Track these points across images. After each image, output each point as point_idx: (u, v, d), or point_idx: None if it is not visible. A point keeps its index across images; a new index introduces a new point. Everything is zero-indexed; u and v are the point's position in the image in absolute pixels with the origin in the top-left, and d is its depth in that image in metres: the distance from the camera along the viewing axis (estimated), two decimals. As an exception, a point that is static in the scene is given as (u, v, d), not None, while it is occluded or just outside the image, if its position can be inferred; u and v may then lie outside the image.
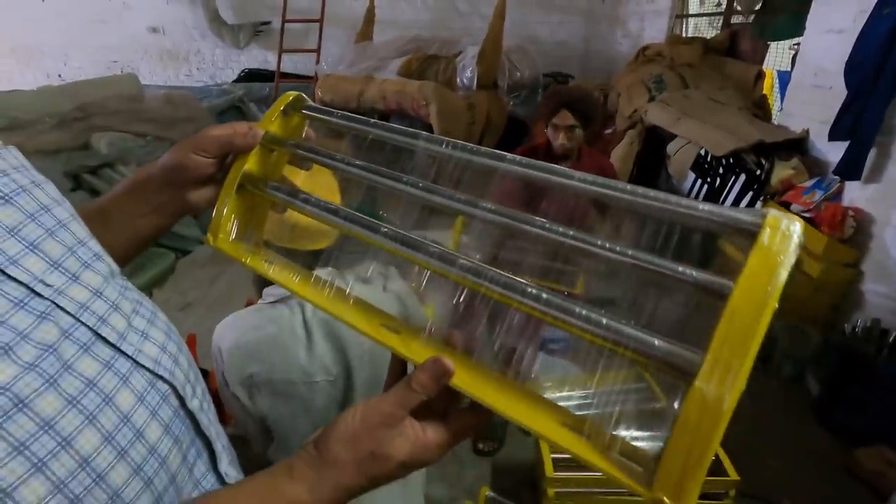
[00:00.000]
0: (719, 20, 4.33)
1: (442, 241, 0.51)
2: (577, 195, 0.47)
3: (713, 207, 0.39)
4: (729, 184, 2.96)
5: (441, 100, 3.74)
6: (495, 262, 0.47)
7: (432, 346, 0.47)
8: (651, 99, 3.41)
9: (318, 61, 5.02)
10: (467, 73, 4.02)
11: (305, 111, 0.61)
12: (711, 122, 2.93)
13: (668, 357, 0.37)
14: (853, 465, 1.81)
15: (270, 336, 0.87)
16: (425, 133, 0.55)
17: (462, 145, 0.53)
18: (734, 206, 0.40)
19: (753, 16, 3.47)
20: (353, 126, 0.59)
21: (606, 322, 0.40)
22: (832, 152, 2.47)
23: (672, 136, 3.14)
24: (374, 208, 0.60)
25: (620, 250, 0.42)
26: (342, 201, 0.82)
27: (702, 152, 3.01)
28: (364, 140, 0.60)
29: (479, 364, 0.46)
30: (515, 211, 0.49)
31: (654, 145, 3.38)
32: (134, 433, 0.38)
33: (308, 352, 0.88)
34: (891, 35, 2.07)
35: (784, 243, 0.34)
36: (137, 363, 0.41)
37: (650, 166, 3.45)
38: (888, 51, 2.07)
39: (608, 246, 0.43)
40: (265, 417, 0.90)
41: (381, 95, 3.94)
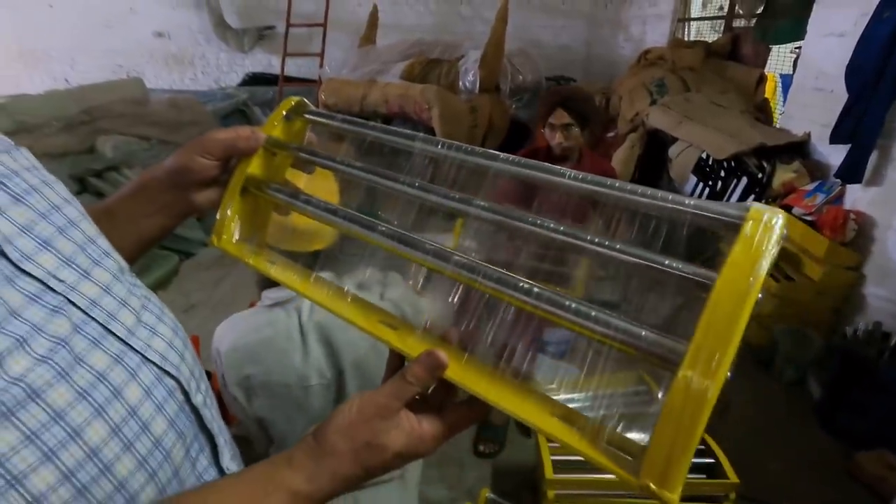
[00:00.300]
0: (721, 24, 4.34)
1: (441, 244, 0.52)
2: (570, 193, 0.49)
3: (700, 202, 0.39)
4: (730, 187, 2.96)
5: (443, 103, 3.76)
6: (494, 265, 0.47)
7: (428, 342, 0.48)
8: (653, 102, 3.42)
9: (322, 65, 5.06)
10: (470, 77, 4.04)
11: (307, 115, 0.63)
12: (713, 126, 2.93)
13: (654, 347, 0.38)
14: (854, 469, 1.80)
15: (267, 339, 0.88)
16: (422, 134, 0.57)
17: (457, 146, 0.54)
18: (724, 202, 0.41)
19: (755, 20, 3.48)
20: (353, 129, 0.61)
21: (595, 314, 0.41)
22: (833, 155, 2.48)
23: (673, 140, 3.14)
24: (374, 209, 0.61)
25: (609, 244, 0.43)
26: (341, 203, 0.83)
27: (703, 155, 3.01)
28: (363, 143, 0.61)
29: (475, 359, 0.47)
30: (509, 208, 0.50)
31: (656, 149, 3.38)
32: (140, 426, 0.39)
33: (303, 355, 0.89)
34: (891, 39, 2.07)
35: (766, 235, 0.35)
36: (146, 358, 0.42)
37: (652, 170, 3.46)
38: (889, 54, 2.08)
39: (597, 241, 0.44)
40: (262, 419, 0.91)
41: (384, 99, 3.96)
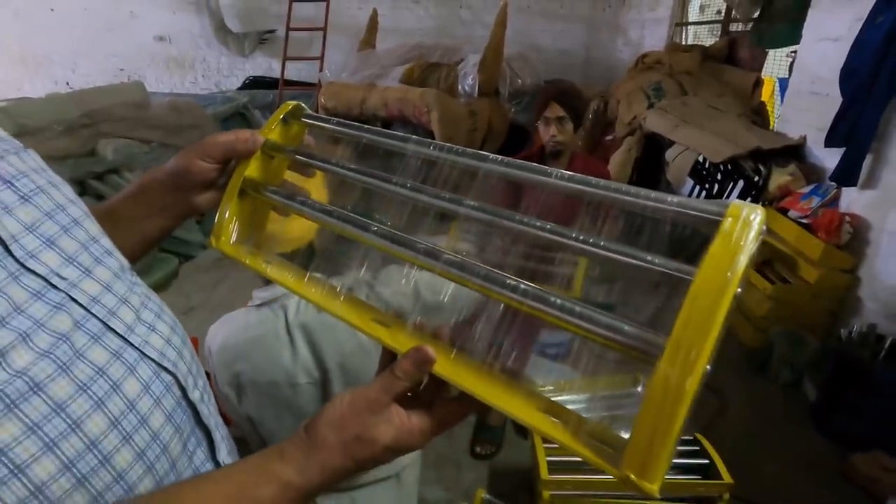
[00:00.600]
0: (718, 28, 4.36)
1: (434, 244, 0.53)
2: (557, 193, 0.50)
3: (682, 200, 0.40)
4: (727, 190, 2.97)
5: (442, 107, 3.78)
6: (491, 266, 0.49)
7: (418, 338, 0.49)
8: (650, 106, 3.44)
9: (322, 69, 5.09)
10: (469, 81, 4.06)
11: (304, 119, 0.64)
12: (709, 129, 2.95)
13: (635, 341, 0.39)
14: (849, 471, 1.81)
15: (255, 338, 0.89)
16: (415, 137, 0.58)
17: (448, 147, 0.55)
18: (707, 199, 0.42)
19: (751, 24, 3.50)
20: (348, 132, 0.62)
21: (579, 310, 0.42)
22: (829, 158, 2.49)
23: (670, 143, 3.16)
24: (369, 210, 0.62)
25: (593, 241, 0.45)
26: (330, 202, 0.85)
27: (700, 159, 3.03)
28: (359, 145, 0.63)
29: (464, 355, 0.48)
30: (497, 208, 0.51)
31: (653, 152, 3.40)
32: (139, 420, 0.41)
33: (291, 354, 0.90)
34: (885, 43, 2.09)
35: (745, 230, 0.35)
36: (144, 354, 0.43)
37: (649, 173, 3.47)
38: (882, 58, 2.10)
39: (581, 238, 0.45)
40: (252, 417, 0.92)
41: (384, 102, 3.98)
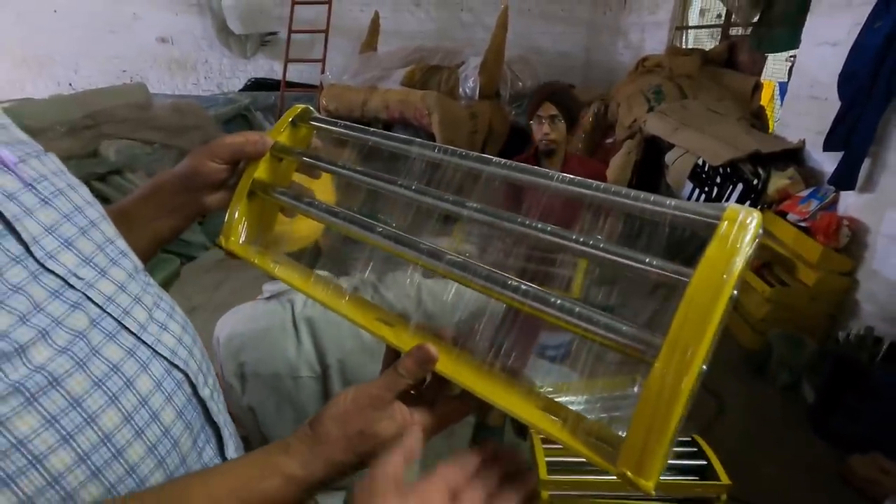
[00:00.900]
0: (718, 32, 4.38)
1: (437, 245, 0.54)
2: (556, 195, 0.51)
3: (680, 203, 0.41)
4: (726, 193, 2.99)
5: (443, 109, 3.79)
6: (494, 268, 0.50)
7: (421, 337, 0.50)
8: (650, 109, 3.46)
9: (324, 71, 5.11)
10: (470, 83, 4.08)
11: (312, 122, 0.65)
12: (709, 133, 2.97)
13: (632, 341, 0.40)
14: (846, 473, 1.82)
15: (262, 329, 0.91)
16: (419, 140, 0.60)
17: (452, 150, 0.57)
18: (704, 203, 0.43)
19: (751, 28, 3.52)
20: (354, 135, 0.64)
21: (578, 310, 0.43)
22: (827, 162, 2.51)
23: (670, 146, 3.17)
24: (374, 212, 0.64)
25: (592, 244, 0.46)
26: (338, 204, 0.86)
27: (699, 162, 3.05)
28: (365, 148, 0.65)
29: (466, 354, 0.49)
30: (498, 210, 0.53)
31: (653, 155, 3.42)
32: (150, 415, 0.42)
33: (296, 347, 0.92)
34: (883, 47, 2.11)
35: (741, 233, 0.36)
36: (156, 352, 0.44)
37: (649, 176, 3.49)
38: (880, 63, 2.11)
39: (581, 240, 0.47)
40: (254, 408, 0.94)
41: (385, 105, 4.00)
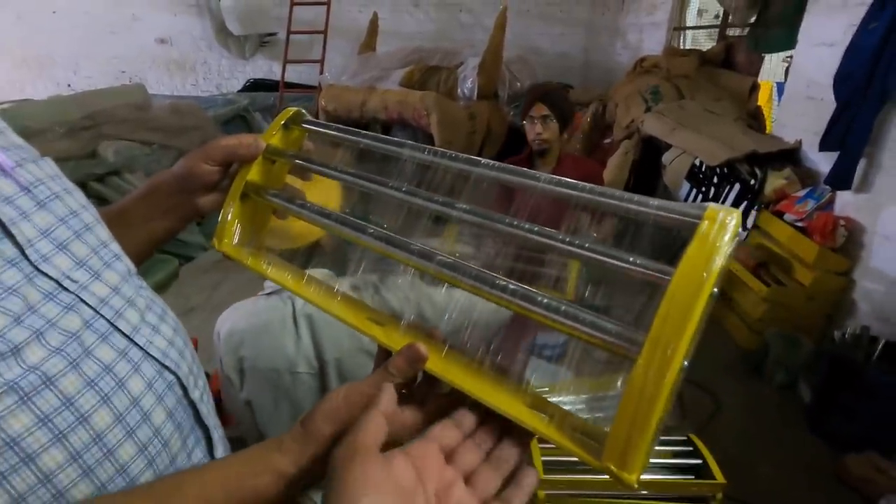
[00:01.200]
0: (716, 33, 4.39)
1: (429, 246, 0.55)
2: (545, 197, 0.52)
3: (663, 203, 0.42)
4: (723, 193, 3.00)
5: (442, 110, 3.80)
6: (487, 269, 0.50)
7: (412, 337, 0.51)
8: (647, 109, 3.46)
9: (322, 72, 5.11)
10: (468, 84, 4.09)
11: (305, 125, 0.66)
12: (706, 133, 2.97)
13: (616, 338, 0.40)
14: (842, 472, 1.83)
15: (262, 324, 0.92)
16: (410, 142, 0.60)
17: (442, 152, 0.58)
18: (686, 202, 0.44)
19: (748, 29, 3.53)
20: (346, 137, 0.65)
21: (564, 309, 0.44)
22: (824, 162, 2.51)
23: (668, 146, 3.18)
24: (370, 214, 0.65)
25: (578, 243, 0.47)
26: (344, 206, 0.87)
27: (696, 162, 3.05)
28: (357, 150, 0.65)
29: (456, 353, 0.50)
30: (487, 210, 0.53)
31: (651, 155, 3.42)
32: (141, 416, 0.43)
33: (295, 342, 0.93)
34: (879, 48, 2.11)
35: (721, 233, 0.37)
36: (148, 353, 0.45)
37: (646, 176, 3.50)
38: (876, 63, 2.12)
39: (567, 240, 0.48)
40: (251, 402, 0.95)
41: (383, 105, 4.01)
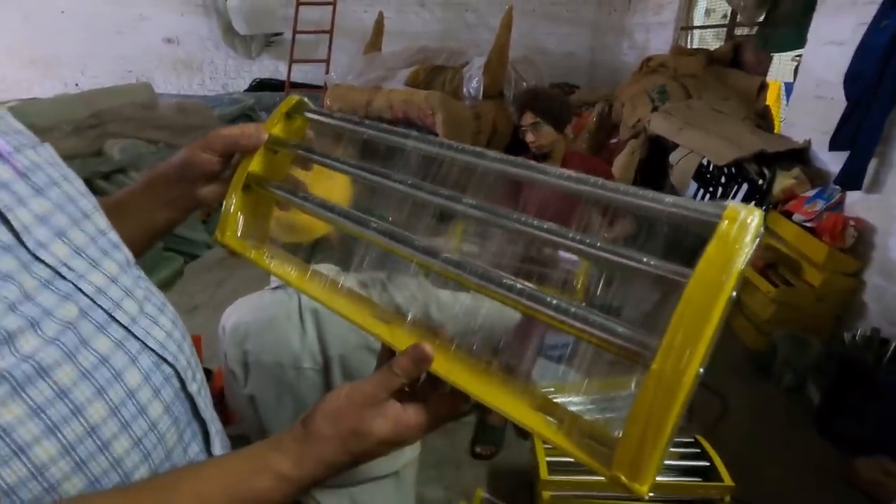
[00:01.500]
0: (724, 32, 4.36)
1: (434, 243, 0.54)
2: (554, 192, 0.50)
3: (678, 200, 0.40)
4: (731, 193, 2.97)
5: (447, 109, 3.79)
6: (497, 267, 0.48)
7: (417, 335, 0.49)
8: (654, 109, 3.44)
9: (328, 71, 5.12)
10: (473, 83, 4.07)
11: (307, 114, 0.65)
12: (714, 132, 2.95)
13: (628, 342, 0.39)
14: (851, 475, 1.80)
15: (268, 318, 0.92)
16: (415, 132, 0.59)
17: (448, 143, 0.56)
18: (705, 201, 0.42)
19: (756, 28, 3.50)
20: (349, 126, 0.63)
21: (574, 310, 0.42)
22: (833, 162, 2.48)
23: (674, 146, 3.16)
24: (379, 208, 0.63)
25: (589, 242, 0.45)
26: (354, 199, 0.86)
27: (704, 161, 3.03)
28: (359, 143, 0.64)
29: (462, 353, 0.48)
30: (494, 205, 0.52)
31: (657, 155, 3.40)
32: (138, 408, 0.42)
33: (300, 337, 0.92)
34: (889, 46, 2.09)
35: (741, 233, 0.35)
36: (146, 345, 0.44)
37: (653, 175, 3.47)
38: (887, 62, 2.09)
39: (578, 238, 0.46)
40: (254, 397, 0.94)
41: (389, 105, 4.00)
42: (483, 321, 0.67)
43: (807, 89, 2.80)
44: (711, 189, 3.20)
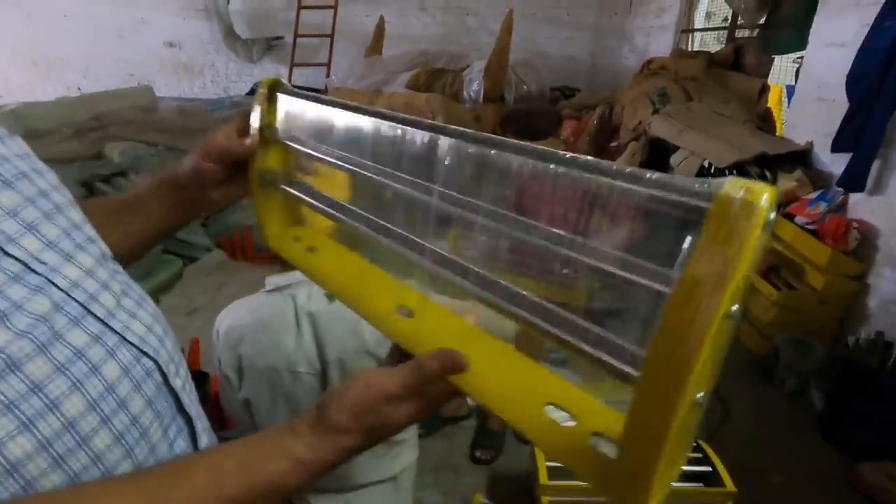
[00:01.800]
0: (725, 35, 4.35)
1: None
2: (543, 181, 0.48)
3: (663, 177, 0.31)
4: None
5: (447, 112, 3.79)
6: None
7: (444, 326, 0.49)
8: (655, 112, 3.43)
9: (329, 75, 5.12)
10: (474, 87, 4.08)
11: (281, 93, 0.62)
12: (715, 135, 2.94)
13: (618, 359, 0.36)
14: (856, 480, 1.78)
15: (263, 320, 0.91)
16: (398, 114, 0.57)
17: (420, 122, 0.51)
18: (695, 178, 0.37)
19: (757, 30, 3.49)
20: (325, 105, 0.60)
21: (556, 332, 0.40)
22: (836, 164, 2.47)
23: (675, 148, 3.14)
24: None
25: (567, 240, 0.43)
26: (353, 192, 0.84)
27: (705, 164, 3.01)
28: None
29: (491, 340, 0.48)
30: (469, 200, 0.50)
31: (658, 157, 3.39)
32: (118, 403, 0.41)
33: (296, 341, 0.91)
34: (892, 48, 2.07)
35: (741, 221, 0.27)
36: (125, 339, 0.43)
37: (654, 178, 3.46)
38: (889, 63, 2.08)
39: (568, 241, 0.44)
40: (249, 400, 0.93)
41: (389, 108, 4.00)
42: (483, 329, 0.66)
43: (808, 91, 2.79)
44: (713, 192, 3.18)
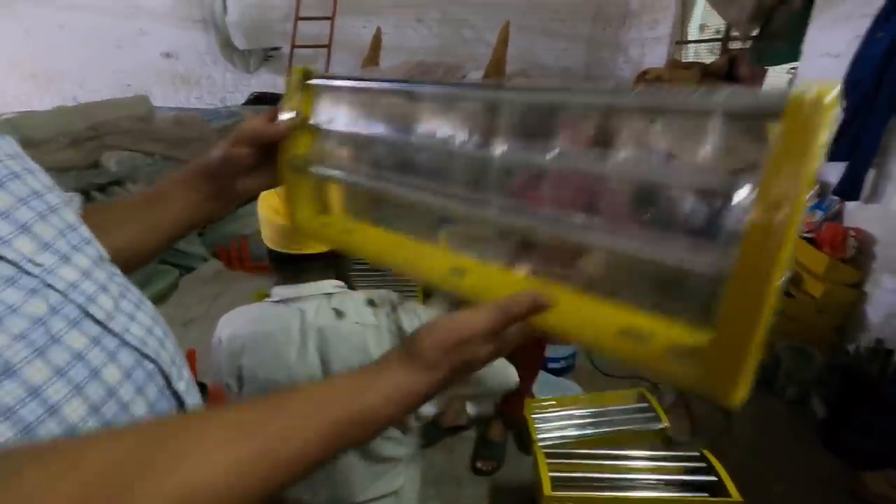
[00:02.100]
0: (719, 47, 4.40)
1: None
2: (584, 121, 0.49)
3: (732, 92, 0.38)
4: (730, 205, 2.96)
5: (445, 122, 3.80)
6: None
7: (502, 280, 0.51)
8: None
9: (326, 85, 5.14)
10: (471, 97, 4.09)
11: (312, 82, 0.63)
12: (711, 144, 2.95)
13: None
14: (859, 489, 1.77)
15: (267, 332, 0.89)
16: (431, 83, 0.59)
17: (464, 84, 0.56)
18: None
19: (750, 42, 3.53)
20: (360, 86, 0.62)
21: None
22: (832, 173, 2.49)
23: (672, 158, 3.16)
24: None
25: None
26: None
27: (702, 173, 3.03)
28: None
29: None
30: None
31: (655, 167, 3.41)
32: (119, 407, 0.39)
33: (299, 356, 0.89)
34: (885, 58, 2.10)
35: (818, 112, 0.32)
36: (125, 341, 0.42)
37: (651, 188, 3.47)
38: (883, 73, 2.11)
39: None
40: None
41: (386, 118, 4.01)
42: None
43: (803, 101, 2.82)
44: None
